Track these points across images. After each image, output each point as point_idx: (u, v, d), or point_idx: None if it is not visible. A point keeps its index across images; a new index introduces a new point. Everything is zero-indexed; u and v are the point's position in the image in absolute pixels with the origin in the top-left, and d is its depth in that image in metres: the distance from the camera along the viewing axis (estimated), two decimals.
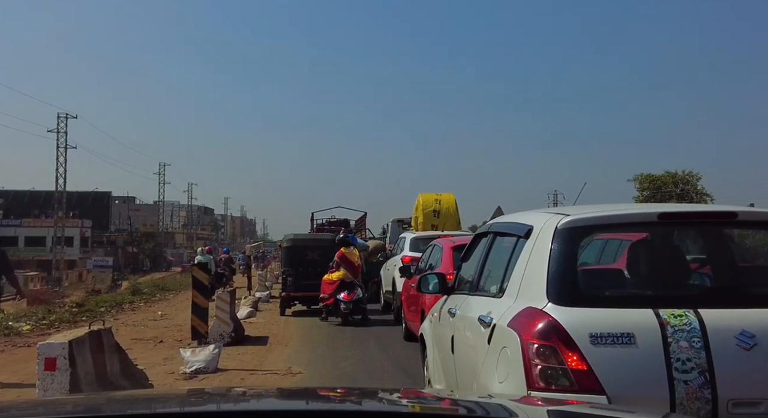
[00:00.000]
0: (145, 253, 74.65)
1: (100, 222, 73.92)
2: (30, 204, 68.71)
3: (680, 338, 2.83)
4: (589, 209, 3.70)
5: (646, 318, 2.88)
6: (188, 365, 7.48)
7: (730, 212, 3.39)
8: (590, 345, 2.82)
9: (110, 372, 5.23)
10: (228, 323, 9.78)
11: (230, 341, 9.68)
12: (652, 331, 2.85)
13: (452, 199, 20.07)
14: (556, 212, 3.40)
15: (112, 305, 18.00)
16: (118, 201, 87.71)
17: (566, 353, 2.84)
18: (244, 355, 9.03)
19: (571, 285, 3.12)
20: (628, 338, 2.83)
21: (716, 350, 2.81)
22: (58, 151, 53.61)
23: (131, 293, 22.00)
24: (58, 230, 54.73)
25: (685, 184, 50.28)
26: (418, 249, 12.08)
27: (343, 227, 21.74)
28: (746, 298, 3.19)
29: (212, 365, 7.54)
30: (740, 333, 2.83)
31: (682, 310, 2.90)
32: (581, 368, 2.81)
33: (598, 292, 3.30)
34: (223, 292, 9.97)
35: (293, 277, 14.40)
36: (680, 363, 2.80)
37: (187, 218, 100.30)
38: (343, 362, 8.52)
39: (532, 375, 2.88)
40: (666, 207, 3.67)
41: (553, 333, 2.89)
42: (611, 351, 2.82)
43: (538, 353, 2.89)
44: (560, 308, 2.95)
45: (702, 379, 2.79)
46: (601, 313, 2.96)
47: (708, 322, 2.86)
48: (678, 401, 2.78)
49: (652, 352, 2.82)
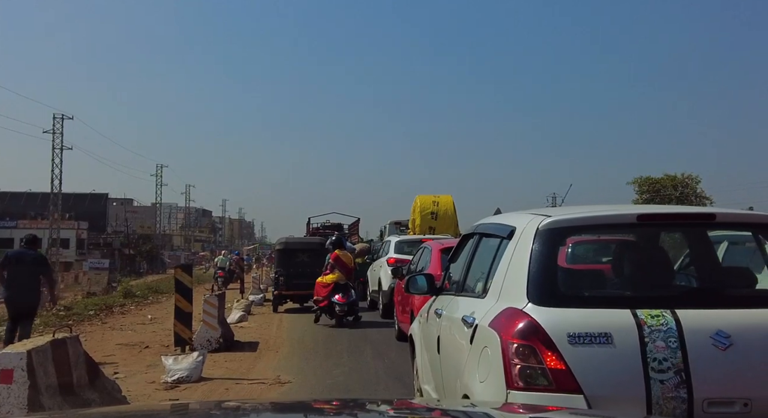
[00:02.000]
0: (141, 255, 74.14)
1: (97, 224, 73.53)
2: (26, 206, 68.26)
3: (657, 337, 2.84)
4: (571, 210, 3.77)
5: (624, 318, 2.89)
6: (170, 373, 7.03)
7: (708, 213, 3.49)
8: (568, 345, 2.84)
9: (77, 384, 4.78)
10: (216, 327, 9.33)
11: (218, 347, 9.24)
12: (629, 331, 2.86)
13: (450, 201, 19.70)
14: (538, 214, 3.40)
15: (102, 308, 17.53)
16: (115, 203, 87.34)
17: (545, 353, 2.85)
18: (232, 362, 8.58)
19: (550, 286, 3.13)
20: (605, 337, 2.84)
21: (692, 349, 2.83)
22: (54, 153, 53.17)
23: (123, 296, 21.52)
24: (54, 231, 54.21)
25: (684, 187, 50.02)
26: (403, 251, 13.04)
27: (336, 231, 22.82)
28: (723, 298, 3.19)
29: (195, 374, 7.09)
30: (716, 333, 2.85)
31: (659, 310, 2.91)
32: (559, 367, 2.82)
33: (577, 292, 3.31)
34: (211, 295, 9.51)
35: (285, 277, 15.41)
36: (656, 363, 2.81)
37: (184, 220, 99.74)
38: (335, 370, 8.08)
39: (512, 375, 2.89)
40: (645, 208, 3.73)
41: (532, 333, 2.90)
42: (589, 351, 2.83)
43: (518, 352, 2.90)
44: (540, 309, 2.97)
45: (678, 378, 2.80)
46: (580, 313, 2.97)
47: (684, 322, 2.88)
48: (654, 401, 2.79)
49: (629, 352, 2.83)
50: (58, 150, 53.13)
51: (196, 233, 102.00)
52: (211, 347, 9.14)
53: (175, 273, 7.54)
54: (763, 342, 2.88)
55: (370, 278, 15.47)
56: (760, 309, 3.01)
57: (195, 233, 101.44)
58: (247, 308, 15.04)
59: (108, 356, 9.41)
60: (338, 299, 12.21)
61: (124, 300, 20.35)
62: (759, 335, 2.90)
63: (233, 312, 13.91)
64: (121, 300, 20.26)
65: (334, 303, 12.25)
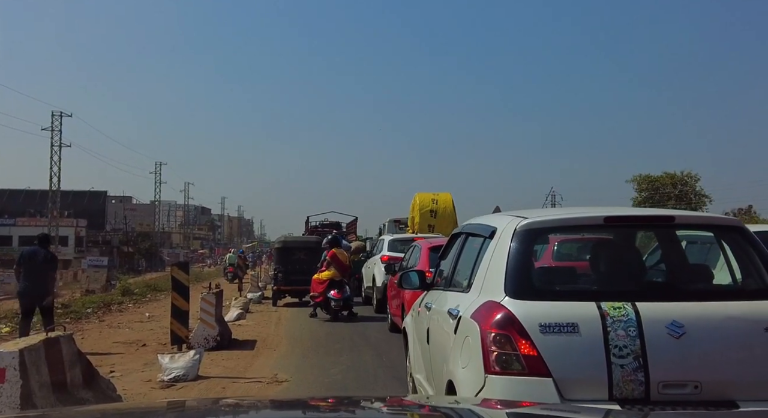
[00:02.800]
0: (140, 253, 74.02)
1: (96, 222, 73.36)
2: (25, 203, 68.09)
3: (618, 327, 3.13)
4: (547, 212, 4.22)
5: (589, 310, 3.19)
6: (166, 372, 6.97)
7: (668, 215, 3.91)
8: (540, 334, 3.13)
9: (71, 383, 4.72)
10: (213, 326, 9.27)
11: (215, 345, 9.18)
12: (594, 321, 3.15)
13: (449, 199, 19.62)
14: (517, 216, 3.72)
15: (100, 306, 17.48)
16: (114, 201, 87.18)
17: (519, 341, 3.15)
18: (229, 360, 8.52)
19: (525, 281, 3.43)
20: (572, 327, 3.14)
21: (649, 338, 3.11)
22: (53, 150, 53.14)
23: (121, 294, 21.47)
24: (52, 229, 54.10)
25: (683, 185, 49.92)
26: (396, 249, 13.55)
27: (335, 229, 23.30)
28: (678, 292, 3.53)
29: (192, 373, 7.03)
30: (671, 323, 3.14)
31: (621, 303, 3.21)
32: (532, 354, 3.12)
33: (549, 287, 3.64)
34: (209, 293, 9.45)
35: (283, 273, 16.35)
36: (617, 349, 3.10)
37: (183, 217, 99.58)
38: (333, 368, 8.02)
39: (489, 360, 3.19)
40: (612, 211, 3.95)
41: (508, 324, 3.19)
42: (558, 339, 3.12)
43: (495, 341, 3.20)
44: (515, 302, 3.27)
45: (636, 363, 3.09)
46: (551, 305, 3.27)
47: (643, 313, 3.16)
48: (615, 383, 3.08)
49: (593, 339, 3.12)
50: (56, 147, 53.09)
51: (195, 231, 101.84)
52: (208, 346, 9.08)
53: (172, 271, 7.48)
54: (713, 331, 3.19)
55: (365, 274, 16.09)
56: (711, 302, 3.34)
57: (194, 230, 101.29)
58: (246, 306, 14.99)
59: (105, 354, 9.36)
60: (334, 295, 12.74)
61: (123, 298, 20.30)
62: (709, 325, 3.20)
63: (231, 310, 13.85)
64: (120, 298, 20.20)
65: (329, 298, 12.78)
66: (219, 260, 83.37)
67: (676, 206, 49.57)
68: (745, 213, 46.56)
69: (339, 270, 12.98)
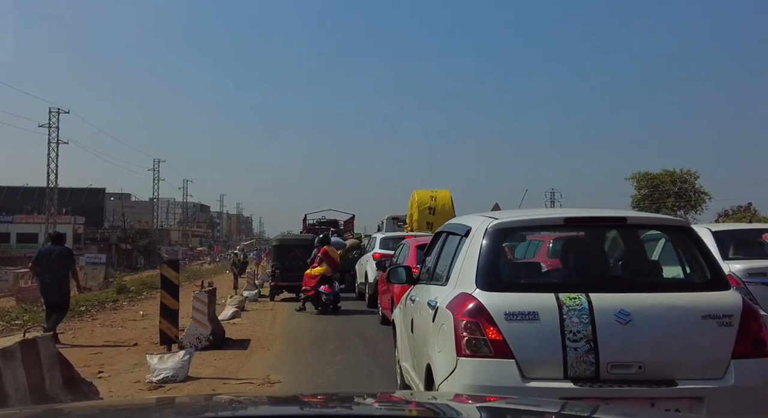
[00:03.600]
0: (139, 250, 73.76)
1: (94, 219, 73.07)
2: (23, 200, 67.78)
3: (573, 315, 3.51)
4: (515, 213, 4.65)
5: (548, 300, 3.58)
6: (155, 373, 6.76)
7: (621, 216, 4.33)
8: (505, 321, 3.53)
9: (49, 386, 4.51)
10: (205, 325, 9.06)
11: (207, 344, 8.97)
12: (552, 310, 3.54)
13: (448, 196, 19.40)
14: (489, 216, 4.15)
15: (94, 304, 17.24)
16: (113, 198, 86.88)
17: (487, 328, 3.54)
18: (221, 361, 8.31)
19: (494, 275, 3.82)
20: (533, 315, 3.53)
21: (600, 324, 3.50)
22: (50, 147, 52.86)
23: (116, 292, 21.20)
24: (50, 226, 53.86)
25: (683, 182, 49.69)
26: (388, 247, 14.18)
27: (332, 227, 24.01)
28: (628, 285, 3.95)
29: (182, 374, 6.82)
30: (619, 312, 3.52)
31: (576, 294, 3.59)
32: (498, 338, 3.51)
33: (514, 280, 4.10)
34: (201, 292, 9.24)
35: (281, 270, 17.04)
36: (572, 334, 3.48)
37: (182, 215, 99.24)
38: (327, 368, 7.82)
39: (461, 345, 3.57)
40: (571, 212, 4.43)
41: (478, 312, 3.58)
42: (520, 325, 3.52)
43: (466, 327, 3.58)
44: (485, 293, 3.67)
45: (588, 346, 3.47)
46: (515, 296, 3.68)
47: (595, 303, 3.55)
48: (569, 364, 3.46)
49: (551, 326, 3.50)
50: (54, 144, 52.83)
51: (194, 229, 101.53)
52: (200, 345, 8.88)
53: (161, 269, 7.27)
54: (656, 319, 3.57)
55: (358, 271, 16.64)
56: (656, 293, 3.75)
57: (193, 228, 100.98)
58: (241, 304, 14.78)
59: (95, 353, 9.15)
60: (324, 290, 13.49)
61: (118, 296, 20.04)
62: (653, 313, 3.59)
63: (226, 308, 13.65)
64: (115, 296, 19.95)
65: (321, 293, 13.50)
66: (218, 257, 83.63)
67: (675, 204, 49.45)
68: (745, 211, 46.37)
69: (330, 266, 13.68)
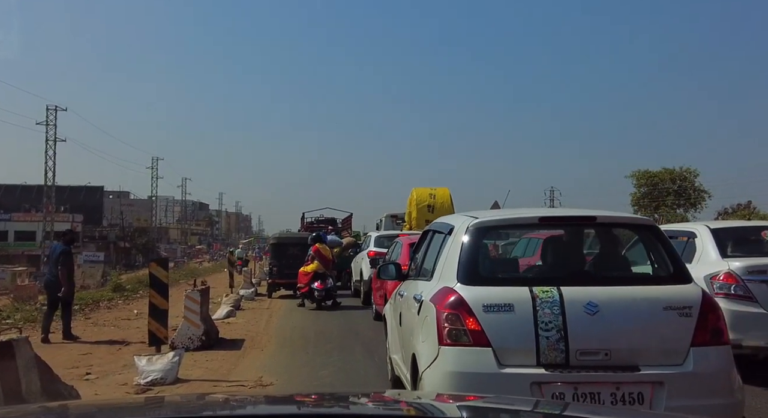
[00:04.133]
0: (137, 248, 73.48)
1: (93, 217, 72.78)
2: (21, 198, 67.47)
3: (545, 307, 3.78)
4: (494, 213, 5.13)
5: (523, 293, 3.84)
6: (143, 375, 6.54)
7: (590, 215, 4.52)
8: (483, 313, 3.79)
9: (26, 390, 4.29)
10: (198, 324, 8.82)
11: (200, 345, 8.74)
12: (526, 302, 3.80)
13: (447, 194, 19.16)
14: (471, 216, 4.41)
15: (88, 303, 16.99)
16: (111, 196, 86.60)
17: (466, 319, 3.79)
18: (213, 362, 8.08)
19: (474, 270, 4.10)
20: (509, 307, 3.79)
21: (569, 315, 3.76)
22: (47, 145, 52.51)
23: (112, 290, 20.97)
24: (47, 224, 53.57)
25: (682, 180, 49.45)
26: (382, 245, 14.43)
27: (330, 225, 23.96)
28: (597, 279, 4.25)
29: (171, 376, 6.59)
30: (587, 304, 3.78)
31: (548, 287, 3.86)
32: (476, 328, 3.77)
33: (492, 275, 4.46)
34: (193, 290, 9.00)
35: (278, 267, 17.32)
36: (544, 324, 3.74)
37: (181, 213, 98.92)
38: (322, 370, 7.59)
39: (443, 335, 3.83)
40: (545, 212, 4.76)
41: (459, 305, 3.84)
42: (497, 317, 3.78)
43: (447, 319, 3.84)
44: (465, 287, 3.94)
45: (558, 335, 3.73)
46: (493, 290, 3.94)
47: (566, 296, 3.81)
48: (541, 351, 3.73)
49: (525, 317, 3.77)
50: (51, 142, 52.50)
51: (193, 227, 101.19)
52: (192, 345, 8.65)
53: (150, 267, 7.03)
54: (622, 310, 3.85)
55: (354, 269, 16.87)
56: (622, 287, 4.03)
57: (192, 226, 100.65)
58: (237, 302, 14.54)
59: (84, 354, 8.92)
60: (317, 286, 14.07)
61: (113, 294, 19.80)
62: (618, 305, 3.86)
63: (221, 307, 13.41)
64: (110, 294, 19.71)
65: (313, 289, 14.07)
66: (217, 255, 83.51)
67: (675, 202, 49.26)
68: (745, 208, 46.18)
69: (323, 264, 14.25)
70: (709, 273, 6.49)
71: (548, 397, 3.66)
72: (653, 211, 49.91)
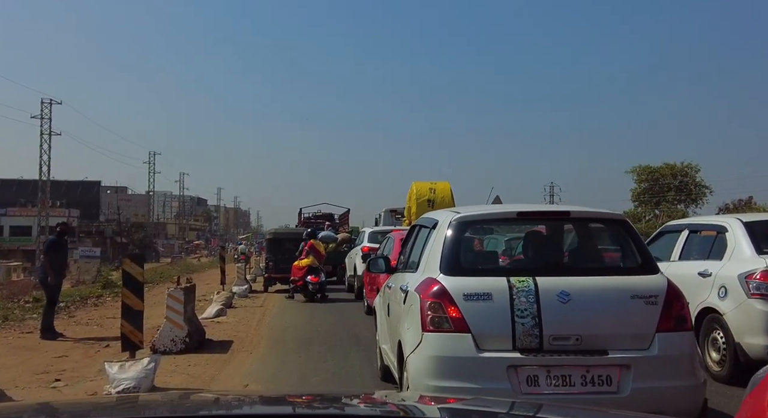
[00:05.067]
0: (134, 243, 72.80)
1: (90, 212, 72.18)
2: (18, 193, 66.79)
3: (521, 295, 4.04)
4: (475, 208, 5.26)
5: (500, 283, 4.11)
6: (114, 383, 5.89)
7: (565, 211, 4.82)
8: (463, 301, 4.07)
9: None
10: (181, 325, 8.17)
11: (184, 347, 8.10)
12: (503, 291, 4.07)
13: (447, 188, 18.62)
14: (453, 211, 4.72)
15: (75, 300, 16.34)
16: (109, 191, 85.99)
17: (448, 307, 4.07)
18: (196, 367, 7.42)
19: (455, 261, 4.34)
20: (487, 296, 4.07)
21: (543, 303, 4.03)
22: (42, 138, 51.83)
23: (102, 286, 20.30)
24: (42, 219, 52.87)
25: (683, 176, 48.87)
26: (376, 241, 14.50)
27: (328, 221, 24.00)
28: (567, 269, 4.55)
29: (145, 384, 5.93)
30: (560, 292, 4.06)
31: (525, 277, 4.12)
32: (457, 316, 4.05)
33: (473, 266, 4.74)
34: (176, 289, 8.35)
35: (274, 262, 17.71)
36: (520, 312, 4.02)
37: (179, 208, 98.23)
38: (314, 376, 6.94)
39: (426, 322, 4.10)
40: (523, 207, 4.98)
41: (441, 294, 4.11)
42: (476, 305, 4.06)
43: (430, 307, 4.11)
44: (447, 277, 4.20)
45: (533, 322, 4.01)
46: (473, 280, 4.20)
47: (540, 285, 4.08)
48: (517, 336, 4.00)
49: (502, 305, 4.04)
50: (46, 136, 51.79)
51: (191, 222, 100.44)
52: (175, 348, 8.02)
53: (123, 264, 6.37)
54: (592, 299, 4.08)
55: (348, 264, 16.97)
56: (594, 277, 4.25)
57: (190, 221, 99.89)
58: (228, 300, 13.88)
59: (59, 357, 8.28)
60: (311, 279, 14.59)
61: (102, 291, 19.14)
62: (589, 294, 4.10)
63: (212, 305, 12.74)
64: (99, 291, 19.05)
65: (308, 283, 14.59)
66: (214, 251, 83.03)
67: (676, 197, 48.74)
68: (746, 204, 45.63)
69: (316, 258, 14.78)
70: (743, 271, 5.85)
71: (523, 379, 3.92)
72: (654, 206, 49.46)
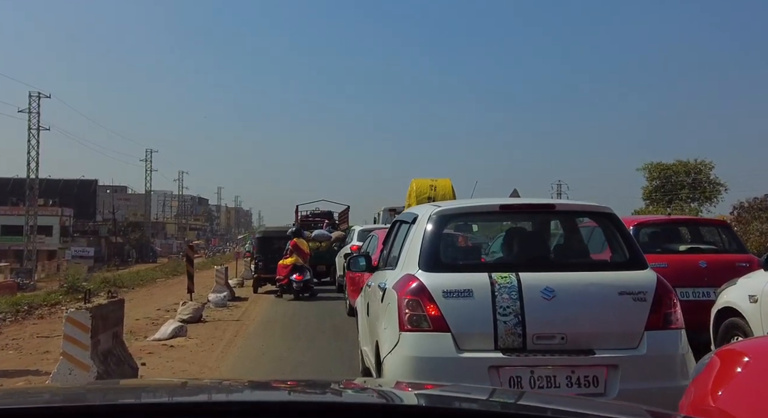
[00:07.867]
0: (131, 243, 70.59)
1: (86, 211, 70.10)
2: (12, 192, 64.58)
3: (504, 292, 3.95)
4: (455, 202, 5.93)
5: (482, 279, 4.00)
6: None
7: (550, 204, 4.83)
8: (443, 298, 3.96)
9: None
10: (86, 365, 5.44)
11: None
12: (485, 288, 3.96)
13: (449, 185, 17.03)
14: (434, 205, 4.73)
15: (21, 309, 13.75)
16: (108, 190, 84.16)
17: (427, 305, 3.97)
18: None
19: (435, 257, 4.28)
20: (468, 293, 3.97)
21: (527, 300, 3.92)
22: (30, 133, 49.41)
23: (65, 292, 17.98)
24: (31, 218, 50.45)
25: (697, 173, 46.73)
26: (365, 239, 13.61)
27: (326, 219, 23.50)
28: (554, 265, 4.48)
29: None
30: (544, 289, 3.96)
31: (507, 273, 4.03)
32: (436, 314, 3.95)
33: (453, 261, 4.71)
34: (78, 310, 5.62)
35: (263, 262, 17.10)
36: (502, 309, 3.92)
37: (178, 207, 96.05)
38: None
39: (403, 321, 4.01)
40: (505, 201, 4.94)
41: (420, 291, 4.02)
42: (457, 302, 3.96)
43: (408, 304, 4.03)
44: (426, 274, 4.12)
45: (516, 320, 3.90)
46: (453, 276, 4.11)
47: (523, 281, 3.98)
48: (499, 335, 3.88)
49: (484, 302, 3.93)
50: (34, 130, 49.35)
51: (191, 222, 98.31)
52: None
53: None
54: (577, 295, 4.02)
55: (338, 263, 16.37)
56: (579, 272, 4.22)
57: (190, 221, 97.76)
58: (197, 313, 11.09)
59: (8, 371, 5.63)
60: (296, 278, 14.52)
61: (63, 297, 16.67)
62: (574, 290, 4.03)
63: (167, 323, 9.82)
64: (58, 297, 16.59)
65: (292, 281, 14.53)
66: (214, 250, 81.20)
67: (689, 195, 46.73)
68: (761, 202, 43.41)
69: (300, 257, 14.78)
70: None
71: (505, 380, 3.77)
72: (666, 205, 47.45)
